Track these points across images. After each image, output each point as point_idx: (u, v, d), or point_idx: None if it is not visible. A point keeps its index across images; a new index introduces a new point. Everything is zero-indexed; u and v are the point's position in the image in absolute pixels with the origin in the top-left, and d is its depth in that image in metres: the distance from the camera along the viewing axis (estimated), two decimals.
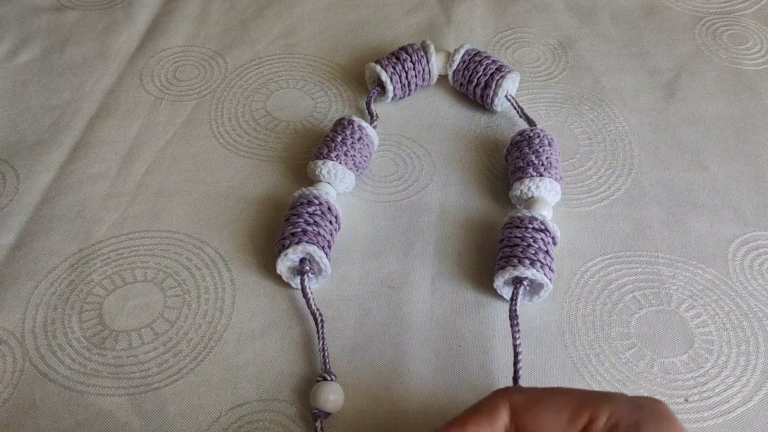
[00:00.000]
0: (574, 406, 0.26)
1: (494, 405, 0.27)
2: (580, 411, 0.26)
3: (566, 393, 0.27)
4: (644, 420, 0.25)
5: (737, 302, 0.41)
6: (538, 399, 0.27)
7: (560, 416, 0.26)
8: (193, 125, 0.51)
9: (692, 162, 0.48)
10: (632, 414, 0.25)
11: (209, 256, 0.43)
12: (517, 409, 0.27)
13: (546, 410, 0.26)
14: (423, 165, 0.48)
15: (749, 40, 0.58)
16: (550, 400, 0.27)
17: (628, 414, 0.25)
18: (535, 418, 0.26)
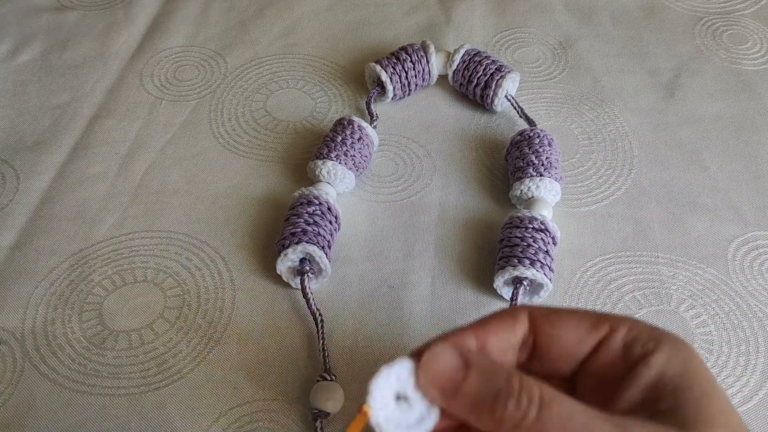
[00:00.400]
0: (593, 318, 0.26)
1: (515, 312, 0.27)
2: (600, 322, 0.26)
3: (584, 310, 0.27)
4: (664, 338, 0.25)
5: (737, 302, 0.41)
6: (557, 310, 0.27)
7: (580, 325, 0.26)
8: (193, 125, 0.51)
9: (692, 162, 0.48)
10: (651, 331, 0.25)
11: (209, 256, 0.43)
12: (537, 317, 0.27)
13: (567, 319, 0.26)
14: (423, 165, 0.48)
15: (749, 40, 0.58)
16: (569, 311, 0.27)
17: (647, 331, 0.25)
18: (555, 326, 0.26)
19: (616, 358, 0.25)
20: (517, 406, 0.23)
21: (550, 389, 0.24)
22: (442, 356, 0.25)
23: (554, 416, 0.23)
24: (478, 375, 0.25)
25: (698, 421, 0.23)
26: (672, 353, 0.25)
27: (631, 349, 0.25)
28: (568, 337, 0.26)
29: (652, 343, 0.25)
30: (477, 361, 0.25)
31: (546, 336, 0.26)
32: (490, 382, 0.24)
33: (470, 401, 0.24)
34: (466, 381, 0.25)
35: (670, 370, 0.24)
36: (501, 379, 0.24)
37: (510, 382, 0.24)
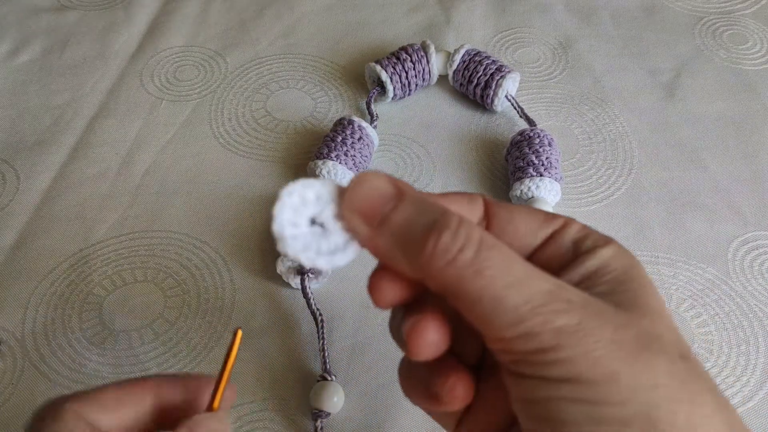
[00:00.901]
0: (548, 214, 0.26)
1: (471, 195, 0.26)
2: (553, 217, 0.26)
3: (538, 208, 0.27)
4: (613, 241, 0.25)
5: (737, 302, 0.41)
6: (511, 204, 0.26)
7: (534, 217, 0.25)
8: (193, 125, 0.51)
9: (692, 162, 0.48)
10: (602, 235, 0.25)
11: (209, 256, 0.43)
12: (492, 204, 0.26)
13: (521, 210, 0.26)
14: (423, 165, 0.48)
15: (749, 40, 0.58)
16: (524, 205, 0.27)
17: (598, 234, 0.25)
18: (510, 213, 0.25)
19: (566, 251, 0.25)
20: (454, 239, 0.21)
21: (492, 237, 0.22)
22: (372, 181, 0.23)
23: (494, 259, 0.21)
24: (411, 204, 0.22)
25: (634, 305, 0.22)
26: (619, 252, 0.24)
27: (581, 244, 0.25)
28: (521, 227, 0.25)
29: (601, 241, 0.24)
30: (411, 193, 0.23)
31: (499, 223, 0.25)
32: (425, 213, 0.22)
33: (398, 233, 0.22)
34: (397, 210, 0.22)
35: (612, 263, 0.24)
36: (437, 212, 0.22)
37: (446, 215, 0.22)
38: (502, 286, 0.21)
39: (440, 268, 0.21)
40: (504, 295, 0.21)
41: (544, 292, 0.21)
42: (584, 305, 0.21)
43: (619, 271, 0.23)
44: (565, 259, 0.25)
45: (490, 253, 0.21)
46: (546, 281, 0.22)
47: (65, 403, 0.24)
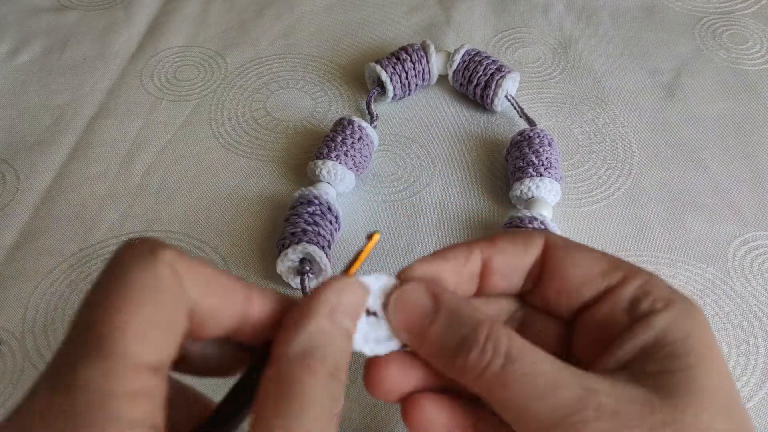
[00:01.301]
0: (611, 261, 0.25)
1: (530, 234, 0.26)
2: (616, 267, 0.25)
3: (603, 252, 0.26)
4: (678, 299, 0.23)
5: (737, 302, 0.41)
6: (576, 244, 0.26)
7: (595, 264, 0.25)
8: (193, 125, 0.51)
9: (692, 162, 0.48)
10: (665, 291, 0.24)
11: (209, 256, 0.43)
12: (553, 245, 0.25)
13: (583, 254, 0.25)
14: (423, 165, 0.48)
15: (749, 40, 0.58)
16: (588, 249, 0.26)
17: (662, 289, 0.24)
18: (570, 258, 0.25)
19: (621, 310, 0.24)
20: (481, 355, 0.22)
21: (521, 344, 0.22)
22: (412, 296, 0.24)
23: (518, 372, 0.22)
24: (445, 318, 0.23)
25: (682, 390, 0.21)
26: (679, 317, 0.23)
27: (638, 305, 0.24)
28: (577, 275, 0.25)
29: (661, 303, 0.23)
30: (446, 305, 0.24)
31: (555, 268, 0.25)
32: (457, 327, 0.23)
33: (436, 346, 0.23)
34: (433, 324, 0.23)
35: (671, 333, 0.23)
36: (468, 325, 0.23)
37: (477, 330, 0.23)
38: (527, 397, 0.21)
39: (472, 379, 0.22)
40: (529, 406, 0.21)
41: (572, 400, 0.21)
42: (615, 410, 0.21)
43: (677, 343, 0.22)
44: (621, 321, 0.24)
45: (514, 366, 0.22)
46: (575, 387, 0.21)
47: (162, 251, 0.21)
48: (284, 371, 0.21)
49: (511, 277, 0.26)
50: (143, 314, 0.20)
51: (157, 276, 0.20)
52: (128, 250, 0.21)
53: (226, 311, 0.22)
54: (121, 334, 0.19)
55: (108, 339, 0.19)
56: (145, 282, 0.20)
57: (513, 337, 0.23)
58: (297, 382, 0.21)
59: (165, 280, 0.20)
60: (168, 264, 0.21)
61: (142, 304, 0.20)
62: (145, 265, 0.20)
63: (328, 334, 0.22)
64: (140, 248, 0.21)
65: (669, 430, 0.21)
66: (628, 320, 0.24)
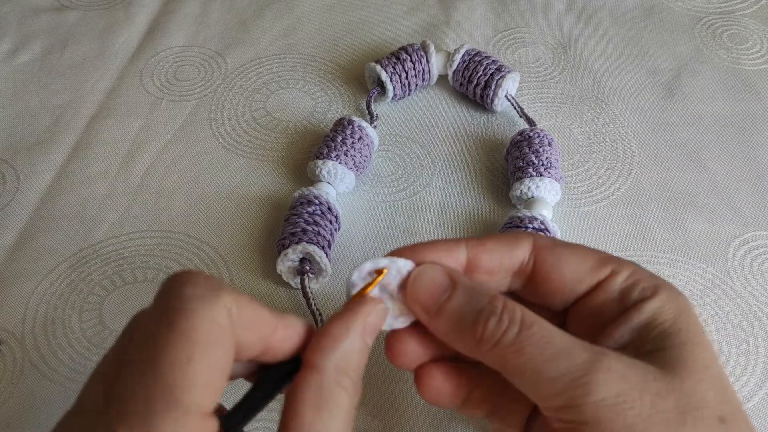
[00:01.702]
0: (598, 257, 0.26)
1: (518, 236, 0.27)
2: (603, 263, 0.26)
3: (590, 248, 0.27)
4: (662, 286, 0.25)
5: (737, 302, 0.41)
6: (563, 243, 0.27)
7: (584, 262, 0.26)
8: (193, 125, 0.51)
9: (692, 162, 0.48)
10: (652, 279, 0.25)
11: (209, 256, 0.43)
12: (541, 246, 0.27)
13: (571, 253, 0.26)
14: (423, 165, 0.48)
15: (749, 40, 0.58)
16: (575, 247, 0.27)
17: (648, 278, 0.25)
18: (559, 258, 0.26)
19: (612, 300, 0.26)
20: (498, 324, 0.24)
21: (532, 314, 0.24)
22: (430, 273, 0.26)
23: (533, 336, 0.23)
24: (463, 294, 0.25)
25: (678, 364, 0.23)
26: (666, 301, 0.25)
27: (628, 295, 0.25)
28: (568, 274, 0.26)
29: (649, 291, 0.25)
30: (463, 282, 0.26)
31: (546, 268, 0.26)
32: (474, 301, 0.25)
33: (453, 320, 0.25)
34: (451, 299, 0.25)
35: (660, 316, 0.24)
36: (485, 299, 0.25)
37: (493, 302, 0.25)
38: (542, 360, 0.23)
39: (488, 350, 0.24)
40: (544, 369, 0.23)
41: (583, 363, 0.22)
42: (624, 374, 0.22)
43: (668, 323, 0.24)
44: (612, 311, 0.25)
45: (530, 331, 0.24)
46: (585, 351, 0.23)
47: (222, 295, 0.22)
48: (325, 384, 0.23)
49: (495, 275, 0.27)
50: (209, 365, 0.21)
51: (219, 323, 0.22)
52: (191, 287, 0.22)
53: (258, 344, 0.24)
54: (192, 386, 0.21)
55: (180, 391, 0.21)
56: (211, 330, 0.21)
57: (525, 309, 0.24)
58: (334, 397, 0.23)
59: (225, 329, 0.22)
60: (227, 308, 0.22)
61: (208, 354, 0.21)
62: (209, 311, 0.22)
63: (359, 352, 0.24)
64: (203, 288, 0.22)
65: (671, 397, 0.22)
66: (620, 309, 0.25)
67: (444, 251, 0.27)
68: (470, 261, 0.27)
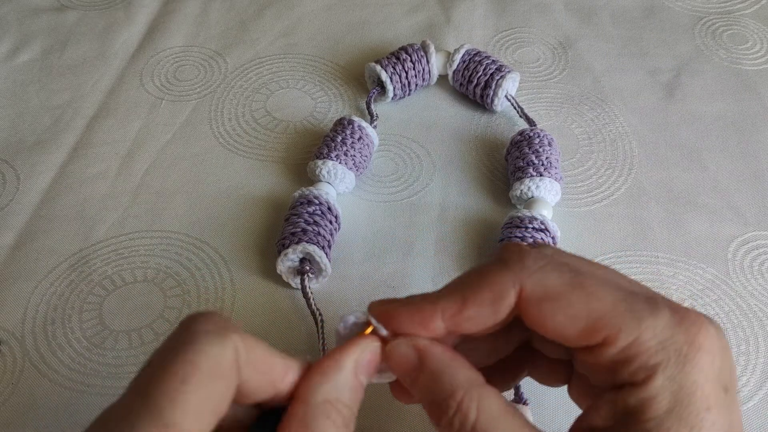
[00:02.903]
0: (591, 321, 0.23)
1: (501, 288, 0.24)
2: (595, 329, 0.23)
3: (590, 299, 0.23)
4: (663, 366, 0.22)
5: (737, 302, 0.41)
6: (553, 297, 0.24)
7: (571, 326, 0.23)
8: (193, 125, 0.51)
9: (692, 162, 0.48)
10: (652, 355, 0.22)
11: (209, 256, 0.43)
12: (526, 299, 0.24)
13: (558, 314, 0.23)
14: (423, 165, 0.48)
15: (749, 40, 0.58)
16: (567, 304, 0.23)
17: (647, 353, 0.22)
18: (543, 317, 0.24)
19: (603, 369, 0.23)
20: (449, 426, 0.24)
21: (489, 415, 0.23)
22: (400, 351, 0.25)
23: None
24: (426, 379, 0.25)
25: None
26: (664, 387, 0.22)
27: (619, 371, 0.23)
28: (554, 334, 0.24)
29: (643, 373, 0.22)
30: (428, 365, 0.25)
31: (532, 321, 0.24)
32: (436, 391, 0.24)
33: (421, 395, 0.25)
34: (418, 380, 0.25)
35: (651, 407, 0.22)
36: (444, 392, 0.24)
37: (448, 400, 0.24)
38: None
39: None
40: None
41: None
42: None
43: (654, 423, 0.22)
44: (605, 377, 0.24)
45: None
46: None
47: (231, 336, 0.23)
48: (309, 415, 0.23)
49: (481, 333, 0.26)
50: (204, 394, 0.21)
51: (222, 359, 0.22)
52: (202, 324, 0.23)
53: (268, 387, 0.24)
54: (179, 406, 0.21)
55: (166, 408, 0.21)
56: (211, 363, 0.22)
57: (485, 407, 0.23)
58: (319, 428, 0.23)
59: (227, 365, 0.22)
60: (233, 348, 0.22)
61: (205, 384, 0.21)
62: (214, 346, 0.22)
63: (351, 387, 0.24)
64: (214, 325, 0.23)
65: None
66: (610, 381, 0.23)
67: (419, 324, 0.25)
68: (450, 329, 0.25)
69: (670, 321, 0.23)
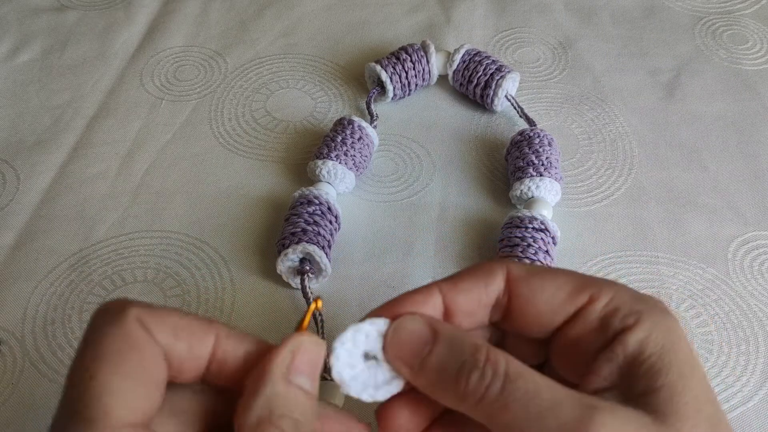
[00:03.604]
0: (575, 284, 0.25)
1: (491, 268, 0.26)
2: (580, 289, 0.25)
3: (568, 272, 0.26)
4: (646, 311, 0.24)
5: (737, 302, 0.41)
6: (538, 272, 0.26)
7: (559, 291, 0.25)
8: (193, 125, 0.51)
9: (692, 162, 0.48)
10: (633, 303, 0.24)
11: (209, 256, 0.43)
12: (514, 278, 0.25)
13: (545, 283, 0.25)
14: (423, 165, 0.48)
15: (749, 40, 0.58)
16: (551, 274, 0.25)
17: (629, 302, 0.24)
18: (533, 289, 0.25)
19: (593, 330, 0.24)
20: (481, 378, 0.23)
21: (517, 364, 0.23)
22: (410, 326, 0.25)
23: (518, 391, 0.22)
24: (444, 346, 0.24)
25: (669, 408, 0.22)
26: (652, 329, 0.23)
27: (609, 323, 0.24)
28: (543, 305, 0.25)
29: (632, 317, 0.24)
30: (444, 333, 0.24)
31: (521, 299, 0.25)
32: (456, 353, 0.24)
33: (435, 374, 0.24)
34: (432, 353, 0.24)
35: (647, 349, 0.23)
36: (467, 351, 0.24)
37: (475, 354, 0.23)
38: (529, 417, 0.22)
39: (472, 405, 0.23)
40: (531, 427, 0.22)
41: (574, 421, 0.21)
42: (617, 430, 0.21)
43: (655, 357, 0.23)
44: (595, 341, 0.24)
45: (515, 385, 0.22)
46: (575, 406, 0.22)
47: (129, 308, 0.22)
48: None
49: (474, 315, 0.26)
50: (118, 374, 0.21)
51: (127, 333, 0.21)
52: (100, 314, 0.22)
53: (197, 353, 0.23)
54: (99, 398, 0.20)
55: (88, 405, 0.20)
56: (116, 341, 0.21)
57: (510, 359, 0.23)
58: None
59: (135, 335, 0.21)
60: (136, 319, 0.22)
61: (116, 363, 0.21)
62: (114, 325, 0.21)
63: (284, 396, 0.23)
64: (110, 309, 0.22)
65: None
66: (602, 340, 0.24)
67: (419, 302, 0.25)
68: (447, 306, 0.25)
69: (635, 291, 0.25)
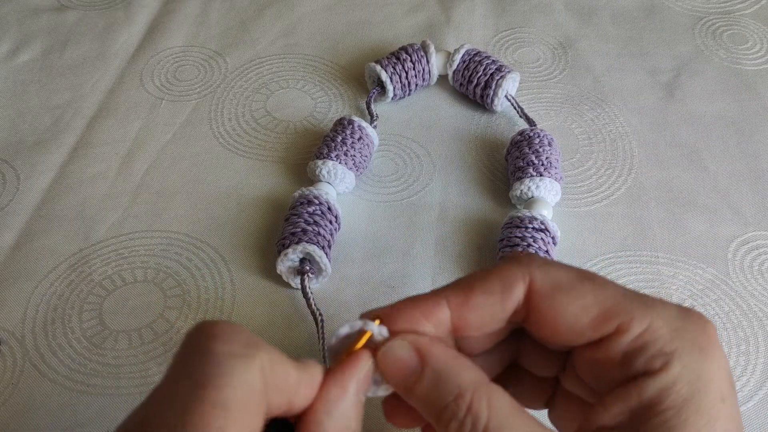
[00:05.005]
0: (603, 308, 0.22)
1: (510, 279, 0.23)
2: (609, 316, 0.22)
3: (600, 289, 0.23)
4: (678, 353, 0.21)
5: (737, 302, 0.41)
6: (564, 287, 0.23)
7: (584, 314, 0.22)
8: (193, 125, 0.51)
9: (692, 162, 0.48)
10: (668, 341, 0.21)
11: (209, 256, 0.43)
12: (536, 290, 0.23)
13: (570, 302, 0.23)
14: (423, 165, 0.48)
15: (749, 40, 0.58)
16: (578, 292, 0.23)
17: (663, 338, 0.22)
18: (555, 308, 0.23)
19: (614, 363, 0.22)
20: (460, 429, 0.22)
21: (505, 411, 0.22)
22: (398, 353, 0.24)
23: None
24: (429, 381, 0.23)
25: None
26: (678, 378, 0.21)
27: (632, 362, 0.22)
28: (565, 326, 0.23)
29: (659, 360, 0.21)
30: (431, 364, 0.23)
31: (540, 315, 0.23)
32: (441, 392, 0.23)
33: (421, 403, 0.23)
34: (418, 384, 0.23)
35: (666, 400, 0.21)
36: (451, 392, 0.22)
37: (458, 401, 0.22)
38: None
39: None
40: None
41: None
42: None
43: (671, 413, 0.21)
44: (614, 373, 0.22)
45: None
46: None
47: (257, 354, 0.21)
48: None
49: (487, 327, 0.24)
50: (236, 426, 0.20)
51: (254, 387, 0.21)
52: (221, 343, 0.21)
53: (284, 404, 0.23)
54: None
55: None
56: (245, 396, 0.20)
57: (496, 407, 0.22)
58: None
59: (259, 392, 0.21)
60: (261, 370, 0.21)
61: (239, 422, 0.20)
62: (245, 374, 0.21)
63: (355, 410, 0.24)
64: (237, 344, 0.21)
65: None
66: (621, 376, 0.22)
67: (423, 314, 0.24)
68: (455, 322, 0.24)
69: (678, 312, 0.23)
